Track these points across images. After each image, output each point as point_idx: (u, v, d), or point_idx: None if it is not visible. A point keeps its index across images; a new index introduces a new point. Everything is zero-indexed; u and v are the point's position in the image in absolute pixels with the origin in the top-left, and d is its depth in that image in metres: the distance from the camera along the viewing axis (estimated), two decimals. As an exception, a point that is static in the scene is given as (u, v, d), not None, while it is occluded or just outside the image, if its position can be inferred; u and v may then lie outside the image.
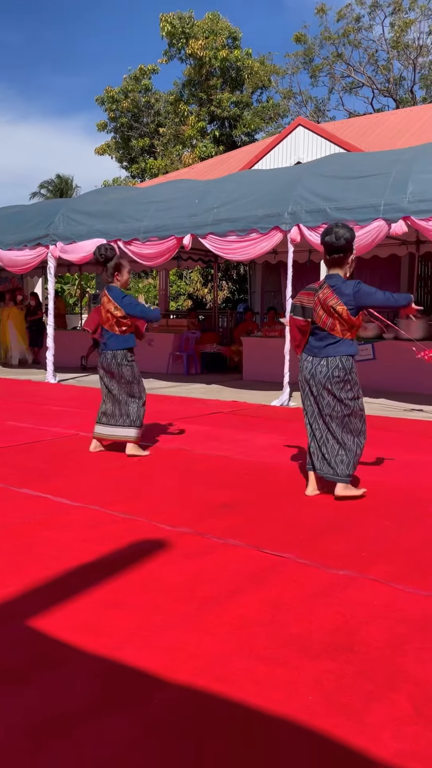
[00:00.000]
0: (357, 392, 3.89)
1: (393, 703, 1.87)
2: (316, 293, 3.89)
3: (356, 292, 3.78)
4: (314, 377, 3.87)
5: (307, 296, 3.92)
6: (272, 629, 2.29)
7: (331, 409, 3.85)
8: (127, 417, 5.04)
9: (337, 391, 3.82)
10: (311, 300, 3.90)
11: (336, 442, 3.87)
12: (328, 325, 3.84)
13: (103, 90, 26.45)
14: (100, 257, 4.99)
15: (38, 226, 10.74)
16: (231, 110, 25.16)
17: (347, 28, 26.42)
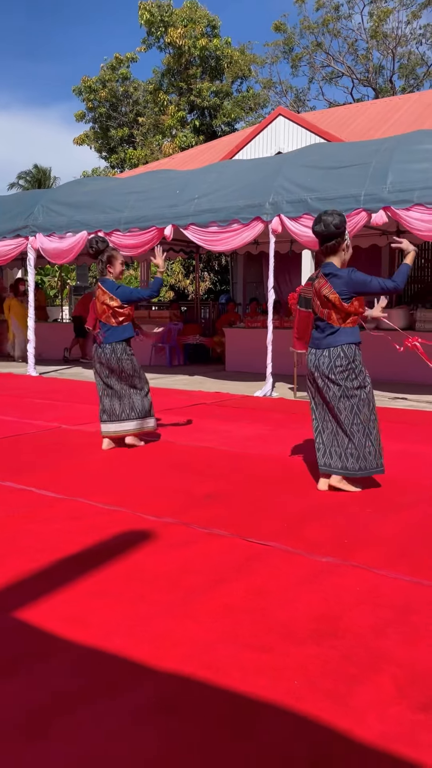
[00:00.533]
0: (363, 381, 3.79)
1: (377, 685, 1.91)
2: (313, 283, 3.90)
3: (349, 280, 3.74)
4: (318, 369, 3.82)
5: (309, 287, 3.95)
6: (257, 616, 2.32)
7: (337, 401, 3.77)
8: (131, 410, 4.98)
9: (342, 381, 3.75)
10: (310, 291, 3.92)
11: (345, 434, 3.80)
12: (325, 315, 3.82)
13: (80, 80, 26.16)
14: (91, 249, 4.91)
15: (17, 217, 10.63)
16: (211, 100, 25.01)
17: (326, 17, 26.37)
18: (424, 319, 9.29)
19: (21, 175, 30.40)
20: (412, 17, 25.60)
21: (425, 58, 26.81)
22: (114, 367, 4.94)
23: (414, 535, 3.16)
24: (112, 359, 4.92)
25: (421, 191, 7.15)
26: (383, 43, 25.96)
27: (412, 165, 7.41)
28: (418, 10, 25.46)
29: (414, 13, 25.54)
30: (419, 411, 6.88)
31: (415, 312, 9.56)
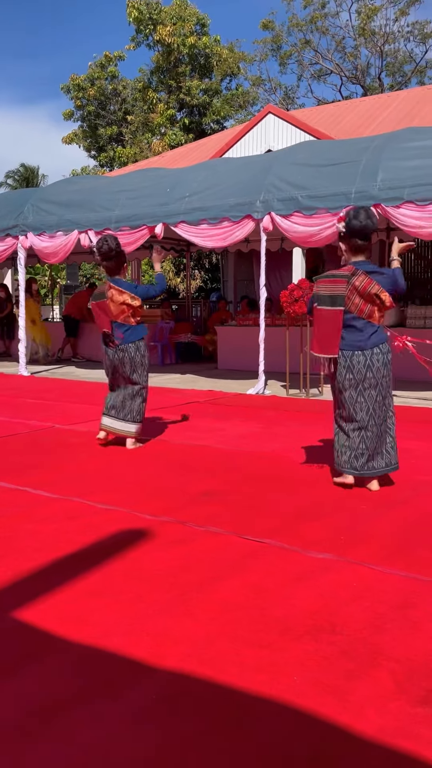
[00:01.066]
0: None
1: (375, 680, 1.92)
2: (349, 280, 3.73)
3: (395, 279, 3.76)
4: (371, 369, 3.74)
5: (335, 284, 3.75)
6: (255, 613, 2.33)
7: (388, 396, 3.84)
8: (130, 412, 4.98)
9: (389, 376, 3.83)
10: (341, 288, 3.73)
11: (390, 430, 3.87)
12: (366, 313, 3.75)
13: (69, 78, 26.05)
14: (111, 251, 4.80)
15: (7, 217, 10.58)
16: (200, 98, 24.99)
17: (314, 15, 26.39)
18: (415, 316, 9.34)
19: (9, 174, 30.25)
20: (400, 14, 25.68)
21: (413, 55, 26.91)
22: (137, 363, 4.92)
23: (410, 531, 3.19)
24: (137, 357, 4.91)
25: (411, 188, 7.18)
26: (371, 40, 26.02)
27: (402, 162, 7.44)
28: (406, 7, 25.54)
29: (402, 11, 25.62)
30: (411, 407, 6.92)
31: (406, 309, 9.61)
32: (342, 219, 3.80)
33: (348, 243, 3.80)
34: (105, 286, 4.93)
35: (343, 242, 3.83)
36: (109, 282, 4.94)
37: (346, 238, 3.80)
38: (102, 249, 4.81)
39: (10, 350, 13.10)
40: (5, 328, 13.31)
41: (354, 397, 3.80)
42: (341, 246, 3.87)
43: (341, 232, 3.81)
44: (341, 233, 3.81)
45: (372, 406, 3.79)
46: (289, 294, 7.72)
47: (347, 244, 3.81)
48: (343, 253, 3.89)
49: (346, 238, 3.79)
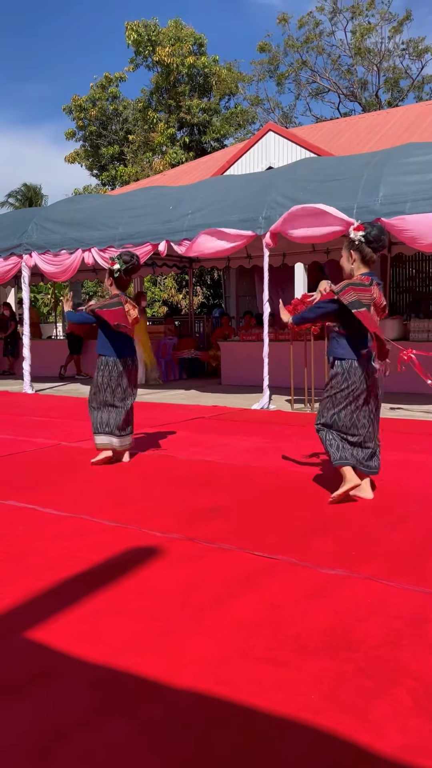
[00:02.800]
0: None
1: (394, 698, 1.90)
2: (370, 290, 3.79)
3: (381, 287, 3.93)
4: (371, 375, 3.90)
5: (363, 292, 3.78)
6: (270, 630, 2.31)
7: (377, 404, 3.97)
8: (129, 424, 5.10)
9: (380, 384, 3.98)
10: (367, 296, 3.78)
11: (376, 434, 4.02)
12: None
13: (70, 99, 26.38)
14: (131, 266, 4.97)
15: (11, 236, 10.66)
16: (200, 117, 25.28)
17: (309, 35, 26.76)
18: (418, 329, 9.36)
19: (11, 194, 30.54)
20: (394, 32, 26.02)
21: (409, 71, 27.23)
22: (132, 376, 5.08)
23: (421, 544, 3.16)
24: (133, 369, 5.09)
25: (413, 203, 7.23)
26: (367, 58, 26.36)
27: (403, 177, 7.50)
28: (399, 25, 25.89)
29: (395, 28, 25.97)
30: (417, 420, 6.91)
31: (409, 322, 9.62)
32: (360, 228, 3.85)
33: (361, 252, 3.87)
34: (119, 299, 5.01)
35: (355, 251, 3.88)
36: (124, 296, 5.06)
37: (360, 247, 3.86)
38: (130, 263, 4.98)
39: (14, 368, 13.13)
40: (9, 346, 13.35)
41: (357, 402, 3.87)
42: (351, 254, 3.90)
43: (357, 240, 3.84)
44: (356, 241, 3.85)
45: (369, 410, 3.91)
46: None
47: (360, 253, 3.87)
48: (351, 262, 3.92)
49: (360, 247, 3.86)
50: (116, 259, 4.98)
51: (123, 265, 4.94)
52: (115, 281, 5.04)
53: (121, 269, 4.95)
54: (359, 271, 3.89)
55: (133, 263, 4.99)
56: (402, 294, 14.07)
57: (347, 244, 3.92)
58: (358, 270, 3.89)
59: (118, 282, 5.05)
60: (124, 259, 4.97)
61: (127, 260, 4.97)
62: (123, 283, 5.09)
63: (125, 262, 4.95)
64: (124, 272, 4.99)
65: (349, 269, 3.94)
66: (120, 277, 5.01)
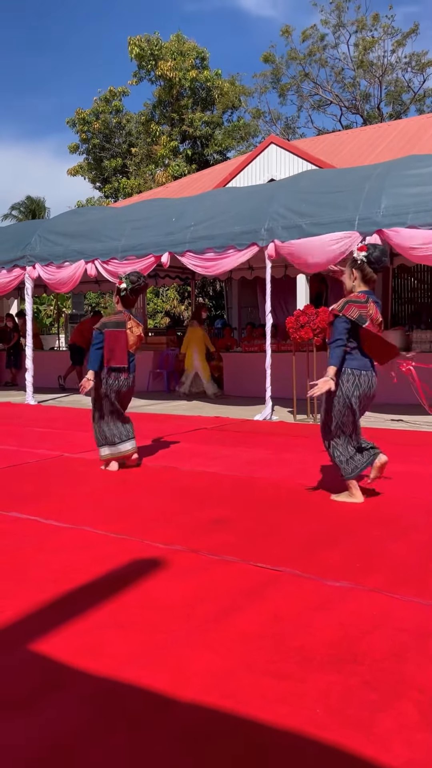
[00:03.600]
0: None
1: (399, 711, 1.88)
2: (366, 306, 3.95)
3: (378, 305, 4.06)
4: (371, 389, 4.05)
5: (362, 308, 3.93)
6: (274, 643, 2.30)
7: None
8: (129, 431, 5.20)
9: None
10: (366, 312, 3.93)
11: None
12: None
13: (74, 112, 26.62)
14: (138, 287, 5.08)
15: (15, 248, 10.72)
16: (202, 130, 25.47)
17: (313, 48, 27.00)
18: (420, 340, 9.36)
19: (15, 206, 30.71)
20: (397, 46, 26.24)
21: (411, 84, 27.43)
22: (131, 390, 5.22)
23: (425, 556, 3.15)
24: (133, 384, 5.22)
25: (415, 214, 7.26)
26: (369, 71, 26.57)
27: (404, 189, 7.53)
28: (402, 39, 26.11)
29: (399, 42, 26.18)
30: (419, 432, 6.89)
31: (411, 333, 9.63)
32: (363, 249, 4.01)
33: (362, 272, 4.03)
34: (123, 316, 5.12)
35: (357, 270, 4.04)
36: (128, 313, 5.17)
37: (362, 266, 4.01)
38: (137, 283, 5.09)
39: (17, 379, 13.15)
40: (12, 357, 13.38)
41: (354, 412, 4.02)
42: (353, 273, 4.06)
43: (360, 259, 3.99)
44: (359, 260, 4.00)
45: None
46: (295, 320, 7.76)
47: (361, 272, 4.03)
48: (352, 279, 4.07)
49: (362, 266, 4.01)
50: (124, 279, 5.11)
51: (130, 285, 5.09)
52: (121, 299, 5.17)
53: (127, 288, 5.08)
54: (359, 288, 4.05)
55: (139, 284, 5.12)
56: (404, 305, 14.09)
57: (350, 263, 4.08)
58: (358, 287, 4.05)
59: (124, 300, 5.17)
60: (132, 279, 5.11)
61: (134, 280, 5.11)
62: (129, 301, 5.20)
63: (132, 282, 5.09)
64: (131, 292, 5.10)
65: (350, 286, 4.09)
66: (126, 295, 5.13)
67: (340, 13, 26.38)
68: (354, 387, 3.98)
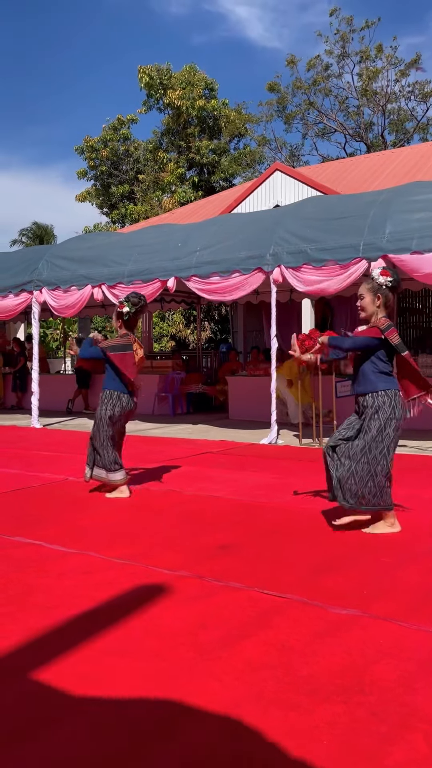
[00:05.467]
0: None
1: (409, 744, 1.84)
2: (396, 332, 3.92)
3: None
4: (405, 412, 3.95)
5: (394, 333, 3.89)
6: (280, 673, 2.25)
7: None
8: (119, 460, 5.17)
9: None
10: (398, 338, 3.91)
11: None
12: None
13: (83, 140, 27.07)
14: (135, 307, 5.09)
15: (22, 273, 10.82)
16: (209, 157, 25.83)
17: (317, 77, 27.47)
18: (426, 365, 9.35)
19: (22, 232, 31.11)
20: (401, 75, 26.66)
21: (414, 113, 27.81)
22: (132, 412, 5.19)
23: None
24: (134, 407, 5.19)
25: (419, 239, 7.30)
26: (373, 100, 26.97)
27: (409, 215, 7.59)
28: (406, 69, 26.54)
29: (402, 72, 26.61)
30: (425, 456, 6.84)
31: (417, 358, 9.63)
32: (387, 273, 3.90)
33: (386, 297, 3.92)
34: (129, 339, 5.13)
35: (382, 295, 3.91)
36: (133, 336, 5.19)
37: (385, 291, 3.90)
38: (139, 305, 5.12)
39: (22, 403, 13.18)
40: (18, 381, 13.43)
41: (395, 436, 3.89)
42: (378, 298, 3.91)
43: (385, 284, 3.89)
44: (384, 285, 3.89)
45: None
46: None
47: (385, 297, 3.91)
48: (377, 305, 3.91)
49: (386, 292, 3.91)
50: (125, 303, 5.13)
51: (132, 308, 5.11)
52: (124, 322, 5.18)
53: (131, 312, 5.10)
54: (381, 314, 3.91)
55: (141, 304, 5.15)
56: (409, 329, 14.11)
57: (374, 288, 3.92)
58: (381, 313, 3.92)
59: (127, 323, 5.19)
60: (133, 301, 5.13)
61: (135, 302, 5.13)
62: (132, 323, 5.23)
63: (134, 305, 5.12)
64: (135, 313, 5.15)
65: (372, 311, 3.94)
66: (129, 317, 5.16)
67: (345, 44, 26.90)
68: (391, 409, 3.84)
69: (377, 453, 3.83)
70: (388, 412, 3.83)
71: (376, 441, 3.83)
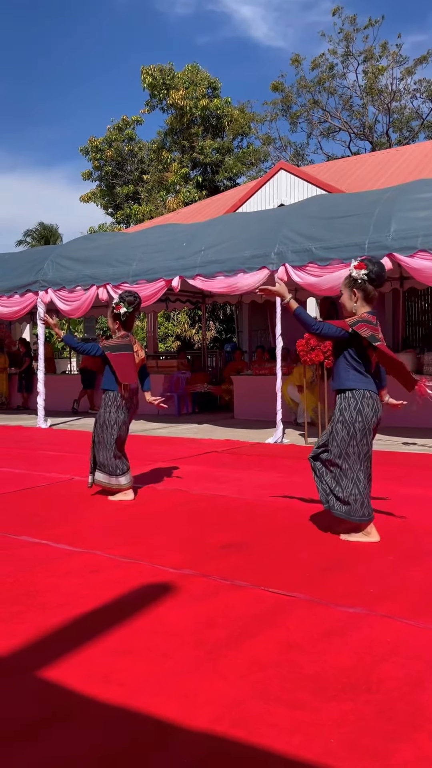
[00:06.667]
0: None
1: (416, 743, 1.83)
2: (378, 329, 3.71)
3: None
4: (377, 413, 3.75)
5: (375, 331, 3.68)
6: (287, 671, 2.25)
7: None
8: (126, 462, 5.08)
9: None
10: (379, 334, 3.69)
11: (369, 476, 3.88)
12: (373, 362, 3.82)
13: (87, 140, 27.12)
14: (139, 306, 5.02)
15: (27, 273, 10.84)
16: (213, 156, 25.83)
17: (322, 76, 27.42)
18: (431, 363, 9.32)
19: (28, 233, 31.19)
20: (406, 73, 26.57)
21: (419, 111, 27.73)
22: (132, 413, 5.10)
23: (440, 582, 3.09)
24: (133, 407, 5.10)
25: (425, 238, 7.28)
26: (378, 98, 26.90)
27: (414, 213, 7.57)
28: (413, 66, 26.43)
29: (408, 70, 26.51)
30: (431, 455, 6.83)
31: (422, 356, 9.60)
32: (362, 266, 3.72)
33: (365, 291, 3.76)
34: (129, 339, 5.03)
35: (358, 290, 3.76)
36: (132, 336, 5.09)
37: (362, 285, 3.75)
38: (135, 303, 5.02)
39: (28, 403, 13.22)
40: (24, 381, 13.47)
41: (365, 440, 3.73)
42: (355, 293, 3.78)
43: (360, 279, 3.73)
44: (359, 280, 3.74)
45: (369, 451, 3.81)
46: (306, 343, 7.76)
47: (363, 291, 3.76)
48: (354, 300, 3.78)
49: (363, 285, 3.75)
50: (121, 303, 4.98)
51: (129, 307, 4.98)
52: (121, 324, 5.05)
53: (128, 311, 4.98)
54: (363, 309, 3.76)
55: (137, 303, 5.02)
56: (415, 327, 14.07)
57: (349, 283, 3.79)
58: (362, 308, 3.77)
59: (125, 324, 5.06)
60: (128, 300, 4.98)
61: (131, 301, 4.99)
62: (129, 323, 5.09)
63: (130, 303, 4.97)
64: (130, 311, 5.01)
65: (351, 307, 3.80)
66: (125, 317, 5.03)
67: (348, 43, 26.83)
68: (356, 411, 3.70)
69: (355, 458, 3.72)
70: (353, 415, 3.69)
71: (350, 446, 3.72)
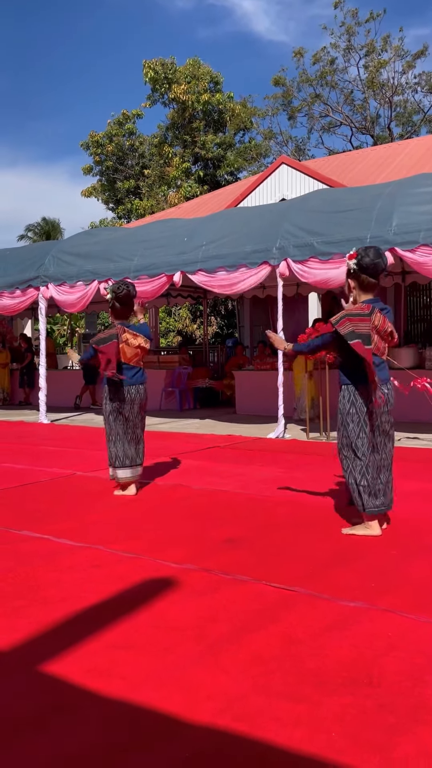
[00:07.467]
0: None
1: (418, 736, 1.84)
2: (370, 319, 3.69)
3: (390, 314, 3.86)
4: (388, 403, 3.78)
5: (360, 322, 3.66)
6: (288, 665, 2.26)
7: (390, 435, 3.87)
8: (139, 456, 5.03)
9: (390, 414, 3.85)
10: (366, 326, 3.66)
11: (390, 469, 3.89)
12: (380, 350, 3.78)
13: (88, 135, 27.05)
14: (129, 296, 4.93)
15: (29, 268, 10.84)
16: (214, 151, 25.75)
17: (323, 70, 27.30)
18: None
19: (29, 228, 31.13)
20: (407, 67, 26.46)
21: (421, 105, 27.62)
22: (142, 405, 5.01)
23: (441, 576, 3.09)
24: (143, 398, 5.01)
25: (427, 232, 7.26)
26: (379, 92, 26.79)
27: (416, 207, 7.55)
28: (413, 60, 26.33)
29: (408, 63, 26.40)
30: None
31: (424, 351, 9.58)
32: (353, 256, 3.74)
33: (358, 280, 3.77)
34: (115, 330, 4.94)
35: (352, 279, 3.79)
36: (121, 326, 4.98)
37: (356, 274, 3.76)
38: (121, 294, 4.91)
39: (30, 399, 13.23)
40: (25, 377, 13.47)
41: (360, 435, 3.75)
42: (350, 283, 3.81)
43: (352, 268, 3.75)
44: (351, 270, 3.76)
45: (384, 442, 3.83)
46: (307, 338, 7.75)
47: (357, 280, 3.77)
48: (352, 290, 3.83)
49: (356, 275, 3.76)
50: (108, 290, 4.97)
51: (114, 295, 4.91)
52: (112, 312, 5.03)
53: (112, 299, 4.92)
54: (361, 298, 3.79)
55: (121, 292, 4.90)
56: (417, 323, 14.05)
57: (346, 273, 3.85)
58: (360, 297, 3.79)
59: (116, 313, 5.01)
60: (114, 288, 4.93)
61: (116, 289, 4.92)
62: (119, 312, 5.01)
63: (114, 291, 4.91)
64: (117, 301, 4.93)
65: (352, 298, 3.85)
66: (115, 306, 4.97)
67: (350, 37, 26.70)
68: (350, 404, 3.73)
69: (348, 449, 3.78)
70: (347, 407, 3.76)
71: (343, 436, 3.80)
